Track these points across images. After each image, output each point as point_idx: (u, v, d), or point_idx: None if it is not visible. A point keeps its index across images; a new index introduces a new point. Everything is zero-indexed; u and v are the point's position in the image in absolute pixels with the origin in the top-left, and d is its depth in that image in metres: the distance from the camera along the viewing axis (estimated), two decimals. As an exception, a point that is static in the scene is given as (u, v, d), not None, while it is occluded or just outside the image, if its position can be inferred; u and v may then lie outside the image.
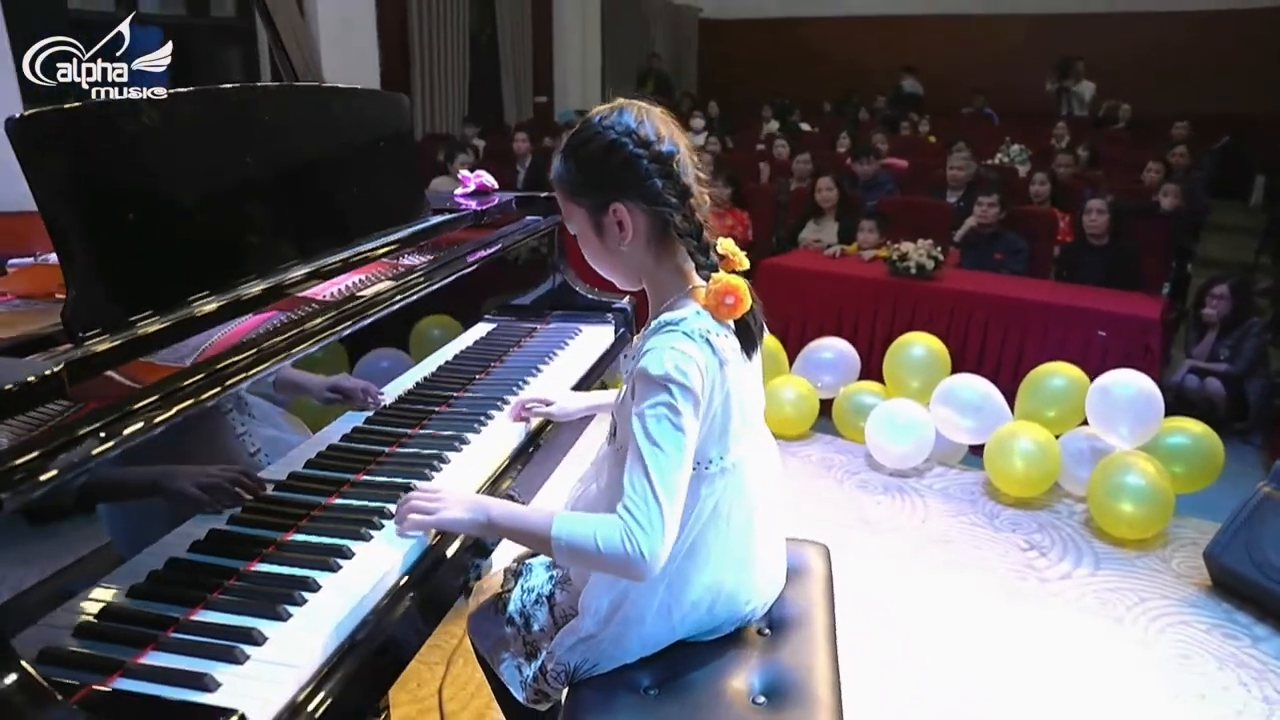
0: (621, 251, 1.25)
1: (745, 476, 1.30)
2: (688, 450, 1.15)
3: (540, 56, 12.23)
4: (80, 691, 0.88)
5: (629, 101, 1.25)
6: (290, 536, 1.20)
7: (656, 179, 1.19)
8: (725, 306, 1.20)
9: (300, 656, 0.96)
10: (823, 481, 3.29)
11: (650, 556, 1.11)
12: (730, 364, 1.21)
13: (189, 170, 1.30)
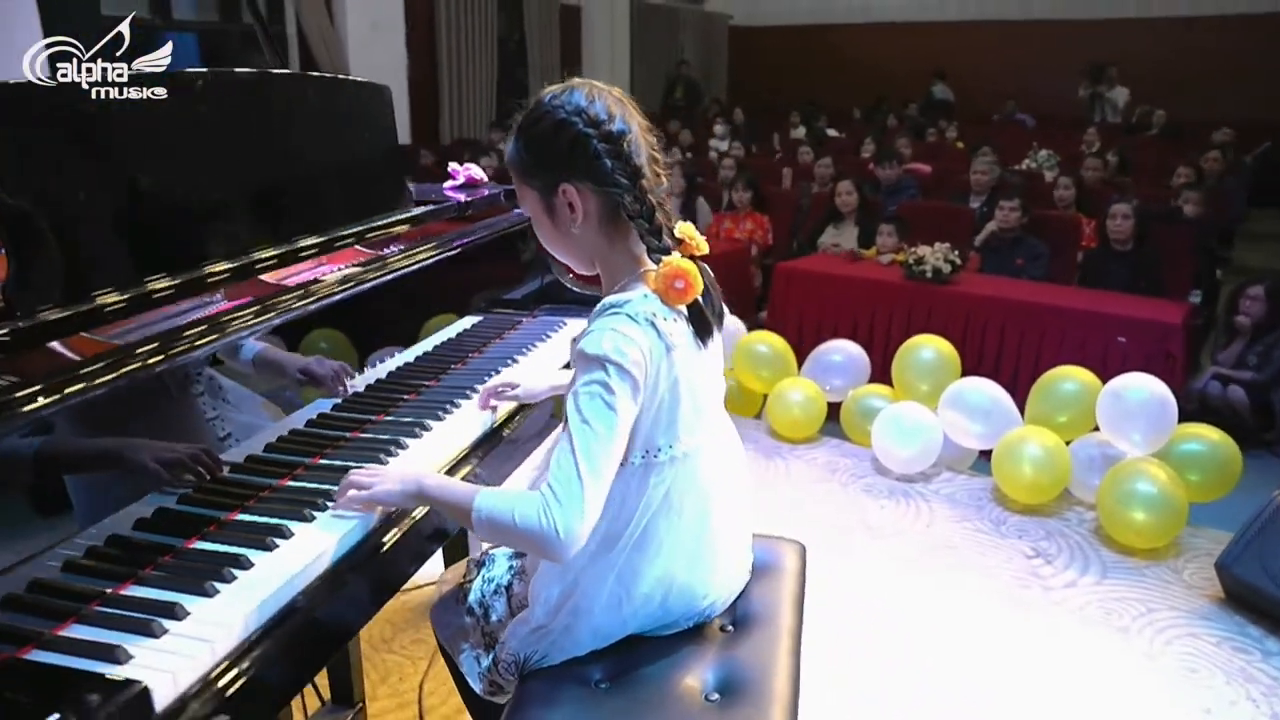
0: (573, 234, 1.22)
1: (699, 467, 1.27)
2: (619, 431, 1.12)
3: (569, 62, 12.27)
4: (-8, 660, 0.88)
5: (581, 81, 1.23)
6: (234, 516, 1.19)
7: (606, 159, 1.16)
8: (674, 290, 1.17)
9: (218, 632, 0.95)
10: (827, 485, 3.24)
11: (565, 533, 1.08)
12: (678, 349, 1.18)
13: (147, 153, 1.30)
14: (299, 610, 1.04)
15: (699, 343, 1.22)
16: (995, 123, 9.88)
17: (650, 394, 1.17)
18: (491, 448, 1.54)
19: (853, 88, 12.10)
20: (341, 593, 1.11)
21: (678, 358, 1.18)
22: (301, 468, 1.34)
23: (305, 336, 1.51)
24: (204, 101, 1.42)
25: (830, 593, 2.55)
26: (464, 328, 1.97)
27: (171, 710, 0.87)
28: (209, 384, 1.33)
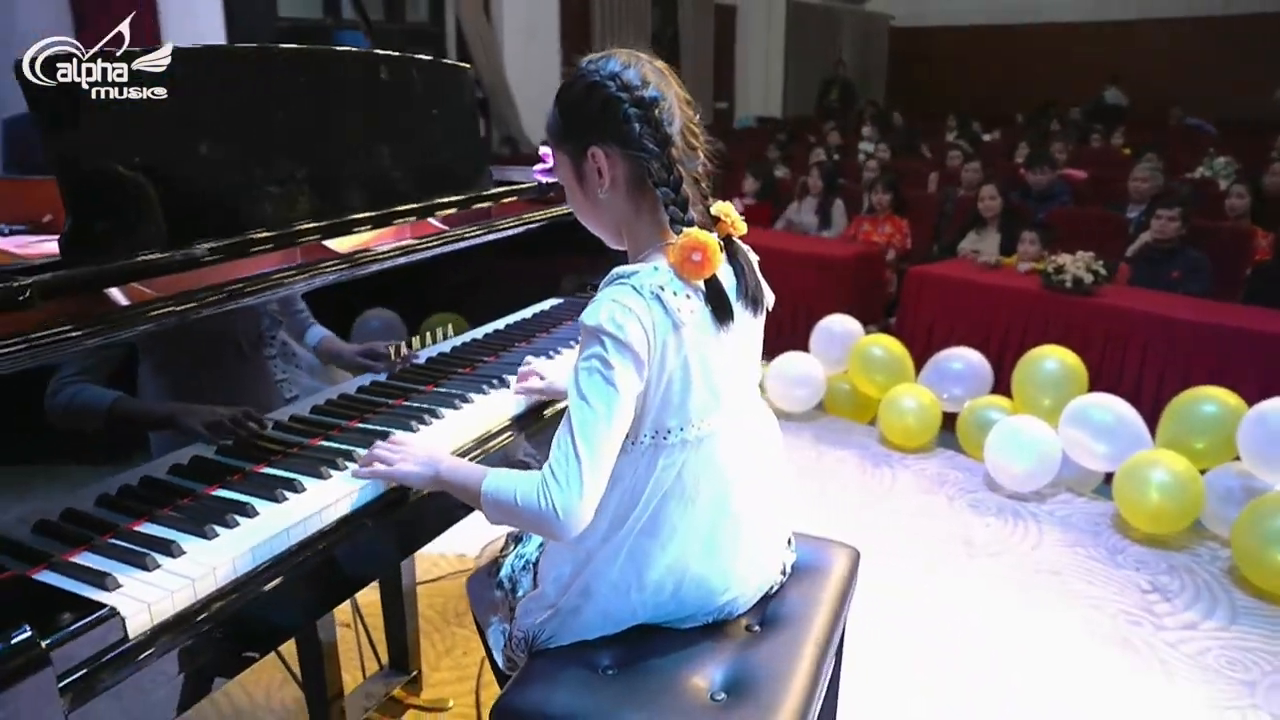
0: (601, 200, 1.20)
1: (716, 453, 1.22)
2: (618, 408, 1.09)
3: (722, 62, 12.24)
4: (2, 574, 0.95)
5: (620, 50, 1.21)
6: (259, 469, 1.24)
7: (635, 123, 1.13)
8: (691, 263, 1.13)
9: (203, 572, 0.99)
10: (932, 498, 3.08)
11: (565, 514, 1.06)
12: (688, 327, 1.13)
13: (208, 123, 1.36)
14: (290, 563, 1.07)
15: (716, 323, 1.17)
16: (1171, 128, 9.12)
17: (657, 371, 1.13)
18: (536, 426, 1.54)
19: (1020, 92, 11.47)
20: (335, 552, 1.14)
21: (688, 336, 1.14)
22: (337, 429, 1.38)
23: (425, 320, 1.59)
24: (275, 75, 1.49)
25: (918, 609, 2.42)
26: (543, 308, 1.98)
27: (144, 639, 0.91)
28: (281, 348, 1.39)
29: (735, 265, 1.24)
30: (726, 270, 1.23)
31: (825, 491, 3.13)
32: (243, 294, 1.24)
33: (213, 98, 1.36)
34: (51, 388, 1.06)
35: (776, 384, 3.76)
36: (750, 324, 1.26)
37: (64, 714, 0.83)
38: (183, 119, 1.30)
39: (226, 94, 1.38)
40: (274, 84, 1.47)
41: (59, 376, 1.06)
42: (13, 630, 0.81)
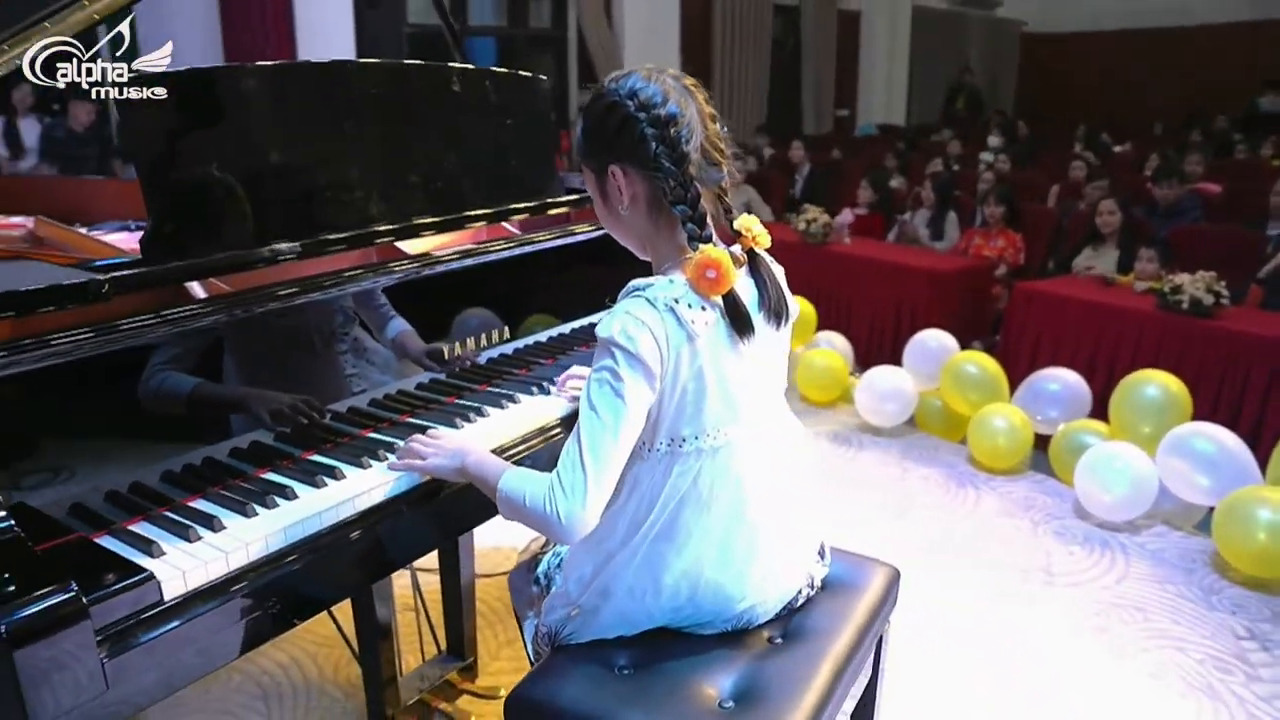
0: (623, 216, 1.24)
1: (733, 463, 1.24)
2: (626, 419, 1.13)
3: (844, 69, 12.07)
4: (69, 536, 1.06)
5: (645, 66, 1.24)
6: (308, 455, 1.33)
7: (652, 142, 1.16)
8: (705, 280, 1.15)
9: (236, 547, 1.08)
10: (1015, 521, 2.97)
11: (567, 519, 1.11)
12: (703, 339, 1.16)
13: (284, 133, 1.46)
14: (322, 541, 1.16)
15: (734, 336, 1.19)
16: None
17: (671, 381, 1.16)
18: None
19: (1163, 100, 10.84)
20: (378, 532, 1.22)
21: (703, 348, 1.16)
22: (388, 422, 1.47)
23: (523, 322, 1.69)
24: (353, 89, 1.59)
25: (983, 635, 2.35)
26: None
27: (177, 602, 1.01)
28: (353, 344, 1.50)
29: (757, 278, 1.26)
30: (748, 283, 1.25)
31: (905, 509, 3.06)
32: (302, 291, 1.33)
33: (293, 110, 1.47)
34: (145, 373, 1.18)
35: (866, 397, 3.70)
36: (772, 336, 1.27)
37: (101, 662, 0.93)
38: (262, 129, 1.41)
39: (307, 106, 1.49)
40: (351, 97, 1.57)
41: (151, 363, 1.18)
42: (62, 587, 0.91)
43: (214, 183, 1.36)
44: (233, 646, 1.07)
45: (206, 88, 1.35)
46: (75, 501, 1.11)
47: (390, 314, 1.53)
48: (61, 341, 1.06)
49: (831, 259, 5.11)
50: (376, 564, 1.29)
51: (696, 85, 1.23)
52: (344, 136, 1.55)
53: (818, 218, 5.34)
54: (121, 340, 1.14)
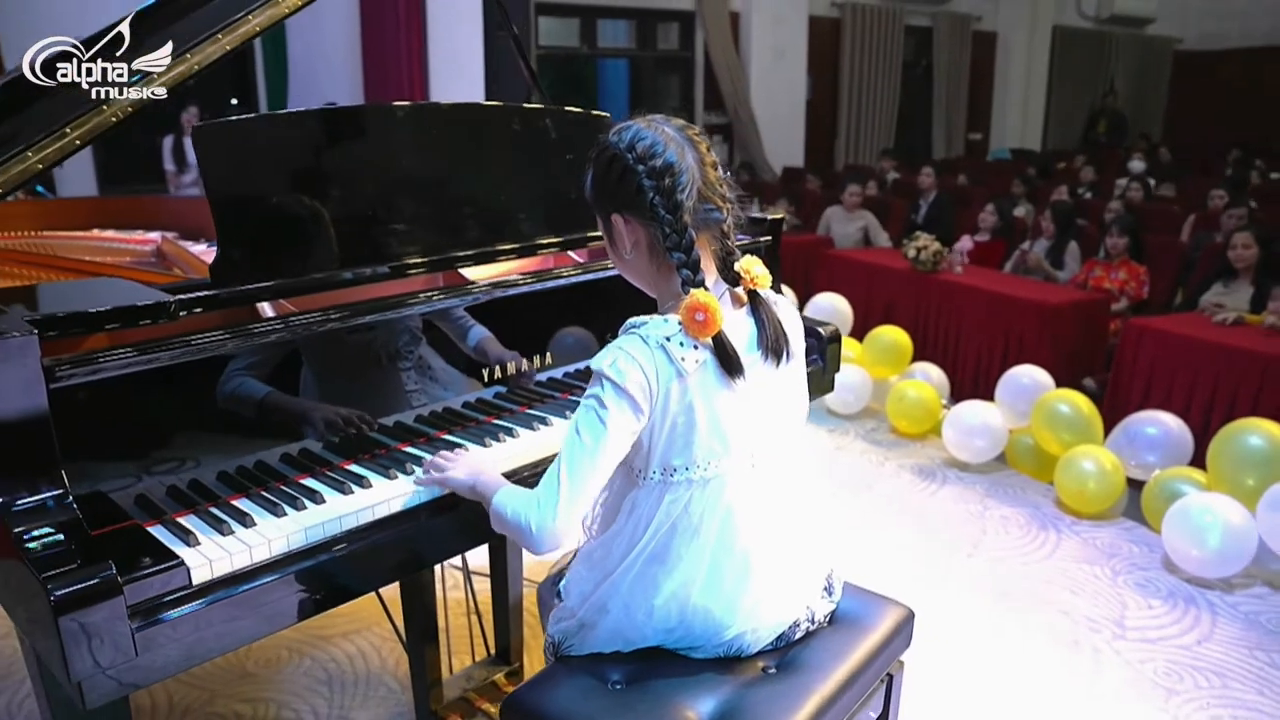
0: (628, 260, 1.33)
1: (724, 495, 1.29)
2: (606, 445, 1.21)
3: (978, 91, 11.74)
4: (126, 523, 1.23)
5: (643, 117, 1.32)
6: (346, 465, 1.47)
7: (649, 192, 1.24)
8: (695, 323, 1.22)
9: (260, 542, 1.22)
10: (1094, 568, 2.86)
11: (538, 530, 1.20)
12: (693, 377, 1.23)
13: (342, 171, 1.60)
14: (338, 543, 1.29)
15: (725, 377, 1.25)
16: None
17: (660, 414, 1.24)
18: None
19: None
20: (394, 538, 1.34)
21: (693, 384, 1.23)
22: (424, 438, 1.60)
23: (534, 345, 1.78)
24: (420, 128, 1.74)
25: (1039, 687, 2.28)
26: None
27: (203, 587, 1.16)
28: (418, 362, 1.65)
29: (757, 318, 1.31)
30: (747, 323, 1.31)
31: (977, 548, 3.00)
32: (353, 315, 1.48)
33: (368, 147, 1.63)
34: (223, 377, 1.35)
35: (954, 432, 3.63)
36: (772, 375, 1.32)
37: (131, 632, 1.08)
38: (335, 163, 1.58)
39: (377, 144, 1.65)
40: (427, 135, 1.72)
41: (229, 369, 1.36)
42: (103, 568, 1.07)
43: (289, 211, 1.53)
44: (251, 630, 1.21)
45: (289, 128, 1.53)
46: (140, 493, 1.29)
47: (470, 323, 1.69)
48: (131, 355, 1.23)
49: (939, 288, 5.01)
50: (391, 567, 1.40)
51: (698, 134, 1.31)
52: (408, 173, 1.69)
53: (928, 245, 5.24)
54: (192, 354, 1.30)
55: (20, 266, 2.04)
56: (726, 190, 1.31)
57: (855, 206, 7.05)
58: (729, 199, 1.32)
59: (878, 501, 3.36)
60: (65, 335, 1.21)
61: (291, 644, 2.42)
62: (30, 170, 1.52)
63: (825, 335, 2.21)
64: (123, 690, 1.11)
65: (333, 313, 1.46)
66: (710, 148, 1.31)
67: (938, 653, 2.39)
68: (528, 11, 9.01)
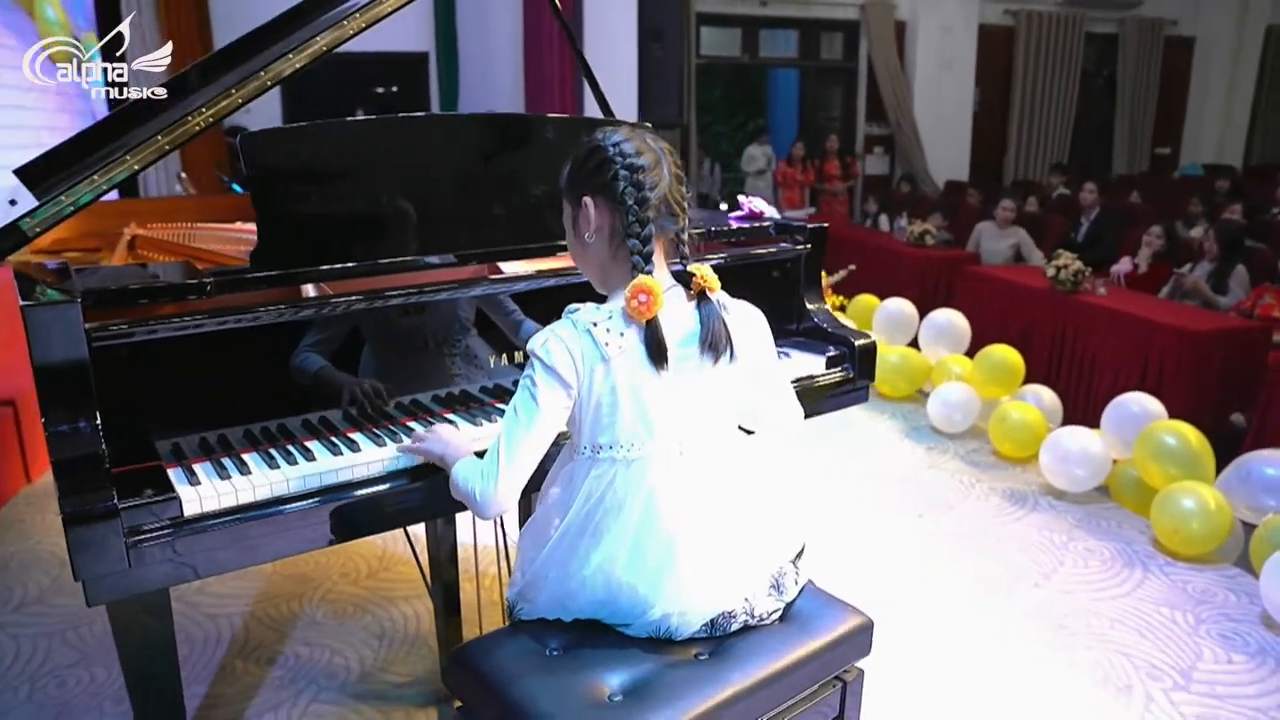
0: (588, 244, 1.44)
1: (648, 476, 1.39)
2: (538, 419, 1.35)
3: (1169, 103, 10.89)
4: (150, 463, 1.46)
5: (628, 126, 1.44)
6: (350, 433, 1.66)
7: (621, 181, 1.37)
8: (637, 303, 1.34)
9: (246, 487, 1.42)
10: (1175, 613, 2.67)
11: (481, 497, 1.36)
12: (617, 361, 1.34)
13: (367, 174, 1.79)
14: (315, 494, 1.48)
15: (651, 364, 1.34)
16: None
17: (586, 394, 1.36)
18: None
19: None
20: (369, 497, 1.52)
21: (618, 368, 1.34)
22: (427, 414, 1.77)
23: None
24: (456, 137, 1.92)
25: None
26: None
27: (192, 518, 1.37)
28: (464, 350, 1.85)
29: (702, 316, 1.40)
30: (691, 319, 1.40)
31: (1048, 580, 2.87)
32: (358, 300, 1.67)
33: (399, 151, 1.83)
34: (296, 352, 1.61)
35: (1049, 458, 3.47)
36: (709, 370, 1.40)
37: (125, 547, 1.30)
38: (368, 168, 1.78)
39: (406, 151, 1.85)
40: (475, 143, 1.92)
41: (301, 344, 1.61)
42: (106, 495, 1.30)
43: (316, 208, 1.75)
44: (232, 560, 1.43)
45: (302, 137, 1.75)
46: (175, 441, 1.53)
47: (520, 318, 1.88)
48: (162, 324, 1.48)
49: (1077, 309, 4.76)
50: (371, 519, 1.58)
51: (669, 150, 1.44)
52: (443, 177, 1.89)
53: (1069, 264, 4.99)
54: (218, 327, 1.53)
55: (157, 252, 2.37)
56: (686, 204, 1.43)
57: (1008, 222, 6.77)
58: (686, 211, 1.43)
59: (952, 522, 3.27)
60: (108, 305, 1.46)
61: (359, 600, 2.68)
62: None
63: (857, 345, 2.22)
64: (119, 593, 1.34)
65: (358, 298, 1.66)
66: (679, 164, 1.44)
67: (963, 677, 2.34)
68: (687, 21, 9.21)
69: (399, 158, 1.84)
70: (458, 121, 1.97)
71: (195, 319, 1.51)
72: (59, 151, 1.90)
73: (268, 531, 1.44)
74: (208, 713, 2.18)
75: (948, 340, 4.65)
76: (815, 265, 2.36)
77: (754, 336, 1.50)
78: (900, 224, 7.34)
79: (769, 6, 9.85)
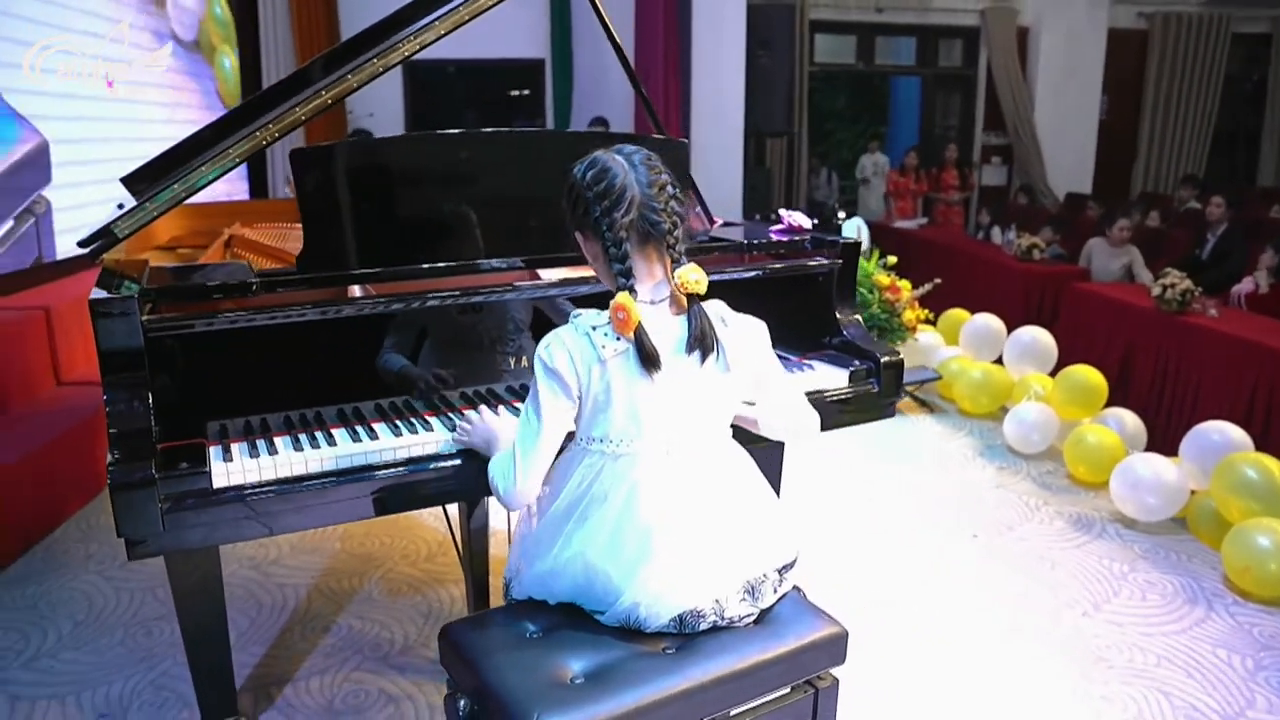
0: (596, 267, 1.57)
1: (633, 471, 1.49)
2: (546, 416, 1.48)
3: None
4: (194, 440, 1.66)
5: (608, 150, 1.54)
6: (374, 423, 1.81)
7: (594, 210, 1.48)
8: (616, 319, 1.45)
9: (268, 467, 1.60)
10: (1232, 655, 2.55)
11: (504, 492, 1.53)
12: (612, 364, 1.45)
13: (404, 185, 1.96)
14: (349, 474, 1.65)
15: (642, 369, 1.45)
16: None
17: (585, 391, 1.48)
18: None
19: None
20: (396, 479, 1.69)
21: (612, 369, 1.46)
22: (483, 405, 1.91)
23: None
24: (493, 152, 2.07)
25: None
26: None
27: (219, 490, 1.56)
28: (517, 351, 2.00)
29: (689, 319, 1.50)
30: (678, 324, 1.50)
31: (1096, 609, 2.78)
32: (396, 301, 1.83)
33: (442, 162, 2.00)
34: (381, 350, 1.83)
35: (1120, 484, 3.35)
36: (697, 371, 1.50)
37: (160, 512, 1.50)
38: (398, 179, 1.95)
39: (444, 165, 2.01)
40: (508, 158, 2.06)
41: (384, 344, 1.83)
42: (145, 465, 1.50)
43: (358, 216, 1.92)
44: (254, 530, 1.61)
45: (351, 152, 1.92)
46: (223, 423, 1.73)
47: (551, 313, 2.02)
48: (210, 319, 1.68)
49: (1181, 331, 4.54)
50: (411, 498, 1.77)
51: (646, 159, 1.53)
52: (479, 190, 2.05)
53: (1176, 283, 4.76)
54: (261, 319, 1.72)
55: (248, 252, 2.62)
56: (674, 205, 1.51)
57: (1122, 241, 6.48)
58: (676, 212, 1.52)
59: (1008, 543, 3.21)
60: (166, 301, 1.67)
61: (413, 581, 2.88)
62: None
63: (884, 361, 2.24)
64: (155, 551, 1.55)
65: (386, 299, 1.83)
66: (661, 171, 1.53)
67: (982, 699, 2.32)
68: (800, 29, 9.18)
69: (431, 171, 2.01)
70: (500, 138, 2.11)
71: (240, 315, 1.71)
72: (155, 161, 2.16)
73: (285, 508, 1.61)
74: (262, 670, 2.40)
75: (1033, 358, 4.53)
76: (848, 280, 2.39)
77: (752, 348, 1.58)
78: (1009, 237, 7.13)
79: (886, 13, 9.71)
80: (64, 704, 2.28)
